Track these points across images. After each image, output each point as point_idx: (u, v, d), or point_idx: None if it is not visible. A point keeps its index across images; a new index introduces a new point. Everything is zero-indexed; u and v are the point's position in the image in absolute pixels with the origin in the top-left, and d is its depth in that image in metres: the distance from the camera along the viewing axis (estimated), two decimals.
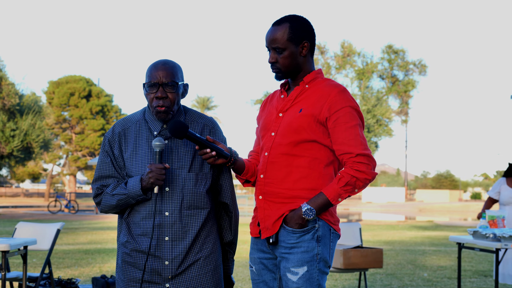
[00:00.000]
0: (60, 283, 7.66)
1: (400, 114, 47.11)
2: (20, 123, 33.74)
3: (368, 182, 3.27)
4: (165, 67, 3.28)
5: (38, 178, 64.81)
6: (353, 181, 3.24)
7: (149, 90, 3.27)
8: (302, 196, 3.31)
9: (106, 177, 3.37)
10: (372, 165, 3.28)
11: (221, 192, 3.47)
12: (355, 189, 3.27)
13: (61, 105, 51.71)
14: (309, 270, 3.27)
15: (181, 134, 3.20)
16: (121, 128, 3.40)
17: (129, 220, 3.34)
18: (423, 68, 45.60)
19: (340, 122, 3.29)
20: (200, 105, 79.65)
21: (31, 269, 10.25)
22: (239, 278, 9.57)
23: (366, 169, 3.25)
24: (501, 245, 6.45)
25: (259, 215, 3.43)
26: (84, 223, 24.49)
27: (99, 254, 13.01)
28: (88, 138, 51.84)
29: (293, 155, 3.34)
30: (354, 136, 3.28)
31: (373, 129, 39.07)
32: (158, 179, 3.18)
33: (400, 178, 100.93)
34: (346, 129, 3.28)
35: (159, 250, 3.25)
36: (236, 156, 3.42)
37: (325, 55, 43.88)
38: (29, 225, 7.05)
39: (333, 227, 3.36)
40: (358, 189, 3.29)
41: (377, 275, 10.26)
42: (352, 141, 3.27)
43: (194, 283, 3.29)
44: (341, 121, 3.29)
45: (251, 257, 3.54)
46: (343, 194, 3.25)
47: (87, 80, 53.20)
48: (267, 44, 3.43)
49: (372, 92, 42.56)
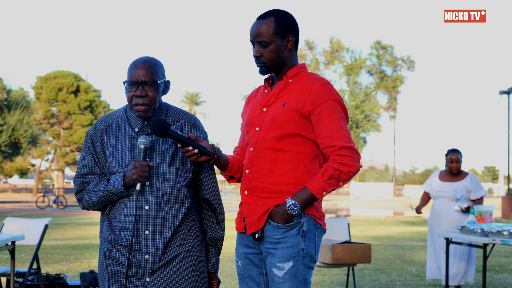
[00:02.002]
0: (48, 278, 7.63)
1: (389, 110, 47.20)
2: (8, 118, 33.61)
3: (352, 174, 3.28)
4: (145, 65, 3.28)
5: (26, 173, 64.50)
6: (337, 174, 3.24)
7: (129, 88, 3.28)
8: (288, 191, 3.31)
9: (88, 173, 3.38)
10: (356, 158, 3.28)
11: (202, 188, 3.47)
12: (339, 182, 3.27)
13: (49, 100, 51.45)
14: (295, 265, 3.28)
15: (163, 133, 3.21)
16: (103, 124, 3.41)
17: (111, 215, 3.35)
18: (411, 64, 45.68)
19: (323, 115, 3.30)
20: (188, 100, 79.53)
21: (19, 264, 10.23)
22: (227, 274, 9.57)
23: (350, 161, 3.25)
24: (489, 240, 6.48)
25: (245, 210, 3.44)
26: (72, 219, 24.42)
27: (87, 250, 12.98)
28: (76, 134, 51.62)
29: (277, 149, 3.35)
30: (337, 129, 3.28)
31: (361, 124, 39.12)
32: (141, 176, 3.19)
33: (389, 174, 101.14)
34: (329, 122, 3.29)
35: (139, 244, 3.26)
36: (220, 153, 3.42)
37: (314, 50, 43.86)
38: (17, 220, 7.02)
39: (318, 222, 3.37)
40: (343, 182, 3.29)
41: (366, 271, 10.29)
42: (335, 134, 3.27)
43: (174, 277, 3.29)
44: (324, 114, 3.30)
45: (237, 252, 3.54)
46: (327, 187, 3.25)
47: (75, 76, 52.94)
48: (252, 38, 3.43)
49: (361, 87, 42.60)
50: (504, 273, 10.45)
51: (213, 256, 3.54)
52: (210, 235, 3.51)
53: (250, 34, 3.44)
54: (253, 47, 3.45)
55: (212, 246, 3.53)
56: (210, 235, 3.51)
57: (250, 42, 3.46)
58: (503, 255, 13.22)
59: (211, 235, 3.51)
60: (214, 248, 3.54)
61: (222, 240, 3.56)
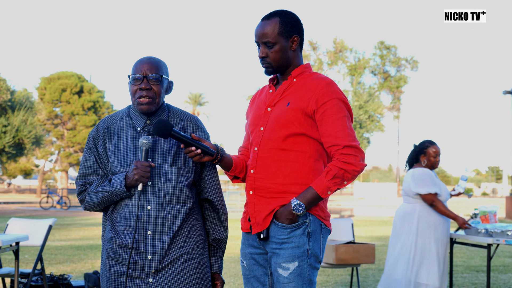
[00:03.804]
0: (52, 279, 7.64)
1: (392, 110, 47.21)
2: (12, 119, 33.66)
3: (356, 173, 3.27)
4: (150, 61, 3.30)
5: (30, 174, 64.61)
6: (341, 173, 3.24)
7: (133, 82, 3.29)
8: (293, 191, 3.31)
9: (90, 174, 3.38)
10: (360, 157, 3.28)
11: (205, 188, 3.46)
12: (344, 181, 3.27)
13: (53, 101, 51.53)
14: (300, 266, 3.27)
15: (165, 134, 3.21)
16: (105, 125, 3.41)
17: (113, 216, 3.35)
18: (415, 64, 45.69)
19: (328, 114, 3.29)
20: (192, 101, 79.63)
21: (23, 265, 10.23)
22: (231, 274, 9.57)
23: (354, 160, 3.25)
24: (493, 240, 6.47)
25: (250, 210, 3.43)
26: (76, 219, 24.45)
27: (91, 250, 12.99)
28: (80, 134, 51.70)
29: (282, 149, 3.34)
30: (342, 128, 3.28)
31: (365, 125, 39.08)
32: (142, 176, 3.18)
33: (392, 174, 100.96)
34: (334, 121, 3.28)
35: (142, 244, 3.25)
36: (223, 153, 3.42)
37: (317, 51, 43.86)
38: (21, 221, 7.03)
39: (324, 222, 3.37)
40: (347, 181, 3.29)
41: (369, 271, 10.28)
42: (340, 132, 3.27)
43: (177, 278, 3.29)
44: (328, 113, 3.29)
45: (242, 253, 3.54)
46: (332, 187, 3.25)
47: (79, 76, 53.02)
48: (257, 39, 3.43)
49: (364, 88, 42.55)
50: (508, 273, 10.44)
51: (216, 256, 3.52)
52: (214, 236, 3.50)
53: (255, 35, 3.44)
54: (258, 48, 3.46)
55: (215, 246, 3.52)
56: (214, 236, 3.50)
57: (255, 43, 3.46)
58: (508, 255, 13.21)
59: (214, 236, 3.50)
60: (217, 249, 3.53)
61: (225, 241, 3.55)
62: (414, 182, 6.85)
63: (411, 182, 6.88)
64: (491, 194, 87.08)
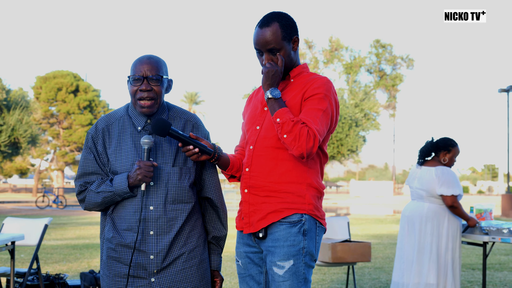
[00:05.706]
0: (48, 278, 7.64)
1: (388, 108, 47.21)
2: (7, 118, 33.56)
3: (295, 145, 3.17)
4: (150, 61, 3.29)
5: (25, 173, 64.49)
6: (298, 130, 3.16)
7: (134, 83, 3.28)
8: (288, 189, 3.31)
9: (90, 173, 3.36)
10: (311, 144, 3.17)
11: (204, 187, 3.46)
12: (287, 134, 3.18)
13: (49, 100, 51.48)
14: (295, 264, 3.27)
15: (163, 132, 3.21)
16: (104, 124, 3.40)
17: (114, 216, 3.34)
18: (411, 62, 45.68)
19: (309, 103, 3.28)
20: (188, 100, 79.53)
21: (19, 264, 10.23)
22: (227, 273, 9.57)
23: (307, 141, 3.16)
24: (488, 239, 6.48)
25: (244, 209, 3.43)
26: (72, 218, 24.42)
27: (87, 249, 12.98)
28: (76, 133, 51.63)
29: (278, 148, 3.34)
30: (314, 117, 3.22)
31: (361, 123, 39.06)
32: (146, 176, 3.18)
33: (388, 172, 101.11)
34: (311, 109, 3.26)
35: (144, 244, 3.25)
36: (220, 152, 3.42)
37: (313, 49, 43.84)
38: (16, 221, 7.02)
39: (319, 221, 3.37)
40: (287, 135, 3.18)
41: (365, 269, 10.29)
42: (311, 118, 3.22)
43: (179, 277, 3.29)
44: (311, 101, 3.28)
45: (237, 251, 3.54)
46: (285, 123, 3.19)
47: (75, 75, 52.96)
48: (259, 47, 3.38)
49: (360, 86, 42.55)
50: (504, 271, 10.46)
51: (215, 254, 3.54)
52: (213, 234, 3.50)
53: (256, 43, 3.39)
54: (259, 55, 3.43)
55: (214, 244, 3.53)
56: (213, 234, 3.50)
57: (256, 50, 3.42)
58: (503, 253, 13.23)
59: (214, 234, 3.50)
60: (216, 246, 3.54)
61: (224, 239, 3.56)
62: (439, 182, 6.57)
63: (436, 181, 6.61)
64: (487, 192, 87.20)
